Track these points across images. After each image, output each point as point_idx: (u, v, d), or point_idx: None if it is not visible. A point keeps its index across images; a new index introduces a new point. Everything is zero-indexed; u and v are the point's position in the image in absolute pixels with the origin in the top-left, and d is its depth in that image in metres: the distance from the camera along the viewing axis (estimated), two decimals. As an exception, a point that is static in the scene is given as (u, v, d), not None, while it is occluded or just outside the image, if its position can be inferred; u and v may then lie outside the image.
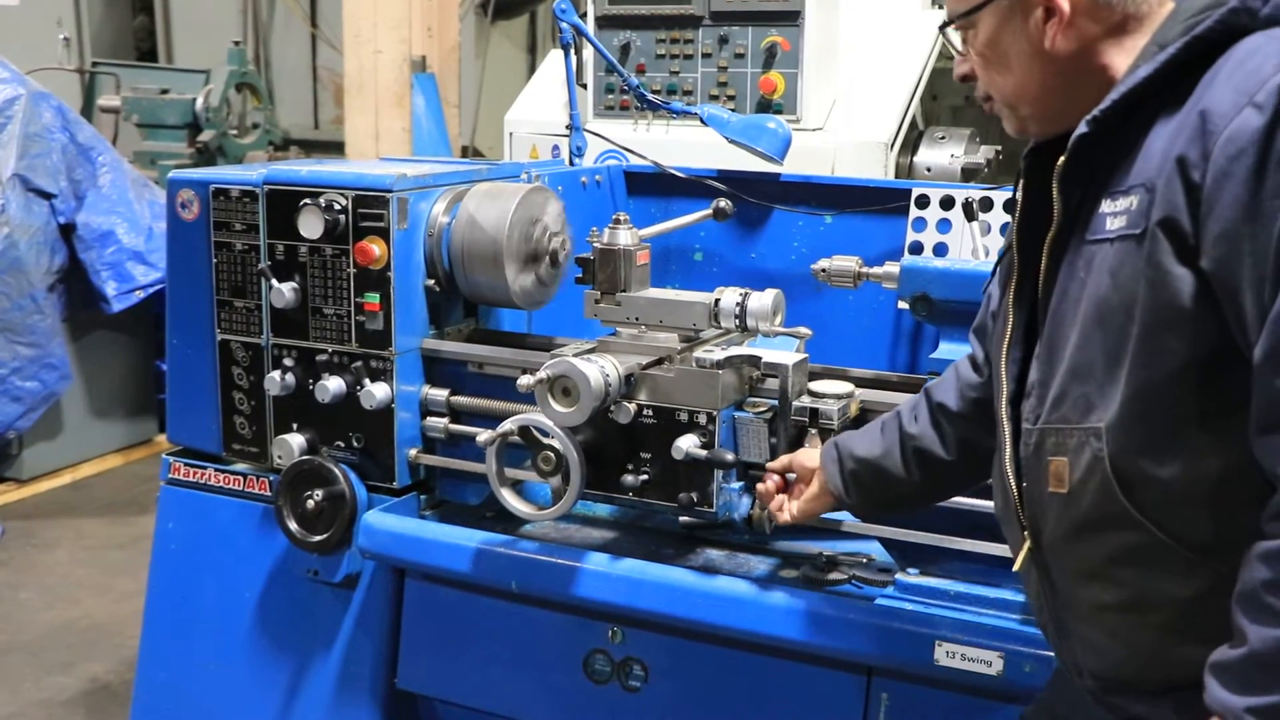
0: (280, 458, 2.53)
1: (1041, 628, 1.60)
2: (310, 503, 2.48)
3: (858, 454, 1.91)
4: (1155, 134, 1.36)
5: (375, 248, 2.41)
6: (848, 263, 2.70)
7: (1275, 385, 1.24)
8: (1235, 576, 1.29)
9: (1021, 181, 1.55)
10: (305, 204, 2.45)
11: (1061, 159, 1.43)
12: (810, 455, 2.01)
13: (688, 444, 2.14)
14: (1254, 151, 1.25)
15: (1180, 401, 1.33)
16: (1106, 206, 1.40)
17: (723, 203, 2.76)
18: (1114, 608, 1.42)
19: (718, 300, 2.26)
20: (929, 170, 3.69)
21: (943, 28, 1.56)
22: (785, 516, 2.02)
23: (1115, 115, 1.40)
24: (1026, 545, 1.52)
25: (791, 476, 2.05)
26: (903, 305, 2.74)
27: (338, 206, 2.43)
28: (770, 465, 2.09)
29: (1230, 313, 1.28)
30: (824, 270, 2.72)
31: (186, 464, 2.71)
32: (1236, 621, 1.27)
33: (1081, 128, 1.41)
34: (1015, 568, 1.55)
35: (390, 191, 2.41)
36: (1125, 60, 1.43)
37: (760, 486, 2.08)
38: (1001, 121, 1.57)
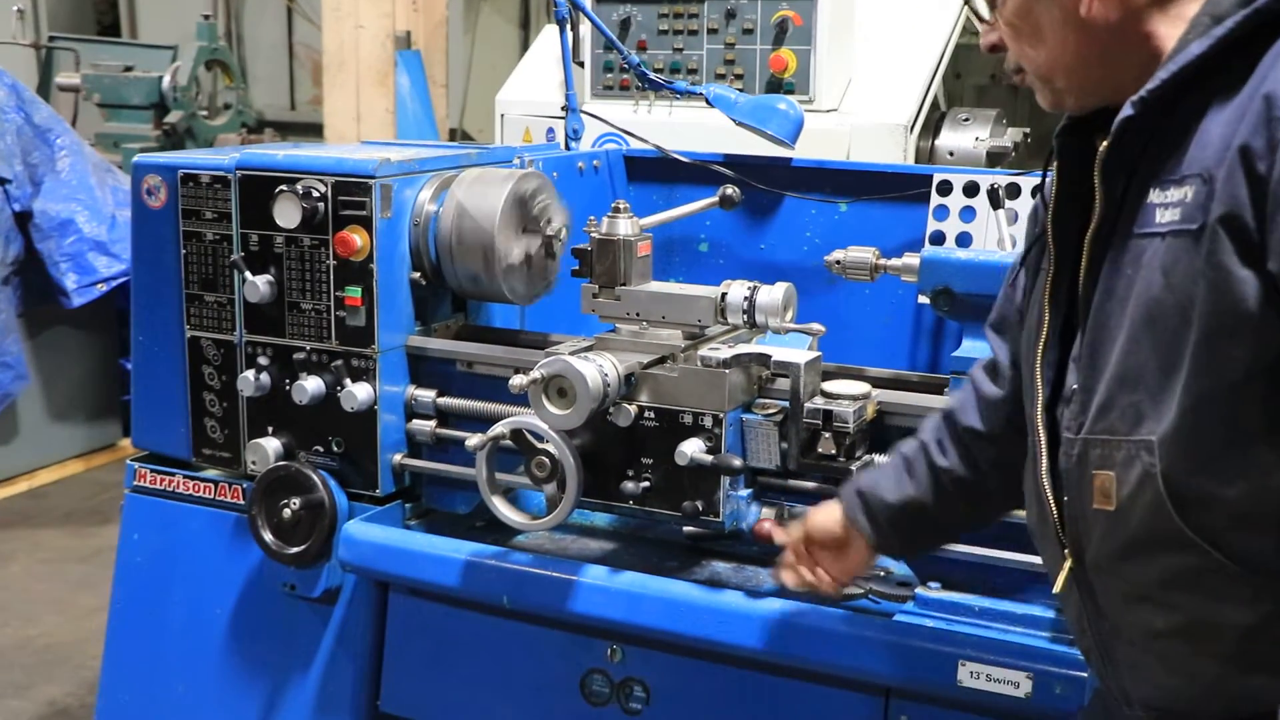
0: (254, 463, 2.54)
1: (1084, 653, 1.56)
2: (286, 512, 2.48)
3: (890, 500, 1.87)
4: (1211, 117, 1.32)
5: (356, 238, 2.42)
6: (864, 254, 2.70)
7: None
8: None
9: (1054, 165, 1.52)
10: (281, 191, 2.45)
11: (1103, 144, 1.39)
12: (826, 516, 1.95)
13: (692, 449, 2.14)
14: None
15: (1243, 414, 1.29)
16: (1156, 197, 1.35)
17: (730, 190, 2.76)
18: (1167, 634, 1.39)
19: (724, 294, 2.27)
20: (952, 154, 3.70)
21: None
22: (830, 585, 1.98)
23: (1164, 96, 1.35)
24: (1067, 565, 1.48)
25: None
26: (923, 300, 2.74)
27: (316, 194, 2.44)
28: (788, 544, 2.02)
29: None
30: (838, 262, 2.72)
31: (153, 470, 2.71)
32: None
33: (1126, 110, 1.36)
34: (1055, 589, 1.52)
35: (373, 178, 2.42)
36: (1172, 30, 1.38)
37: (789, 578, 2.00)
38: (1033, 98, 1.54)
